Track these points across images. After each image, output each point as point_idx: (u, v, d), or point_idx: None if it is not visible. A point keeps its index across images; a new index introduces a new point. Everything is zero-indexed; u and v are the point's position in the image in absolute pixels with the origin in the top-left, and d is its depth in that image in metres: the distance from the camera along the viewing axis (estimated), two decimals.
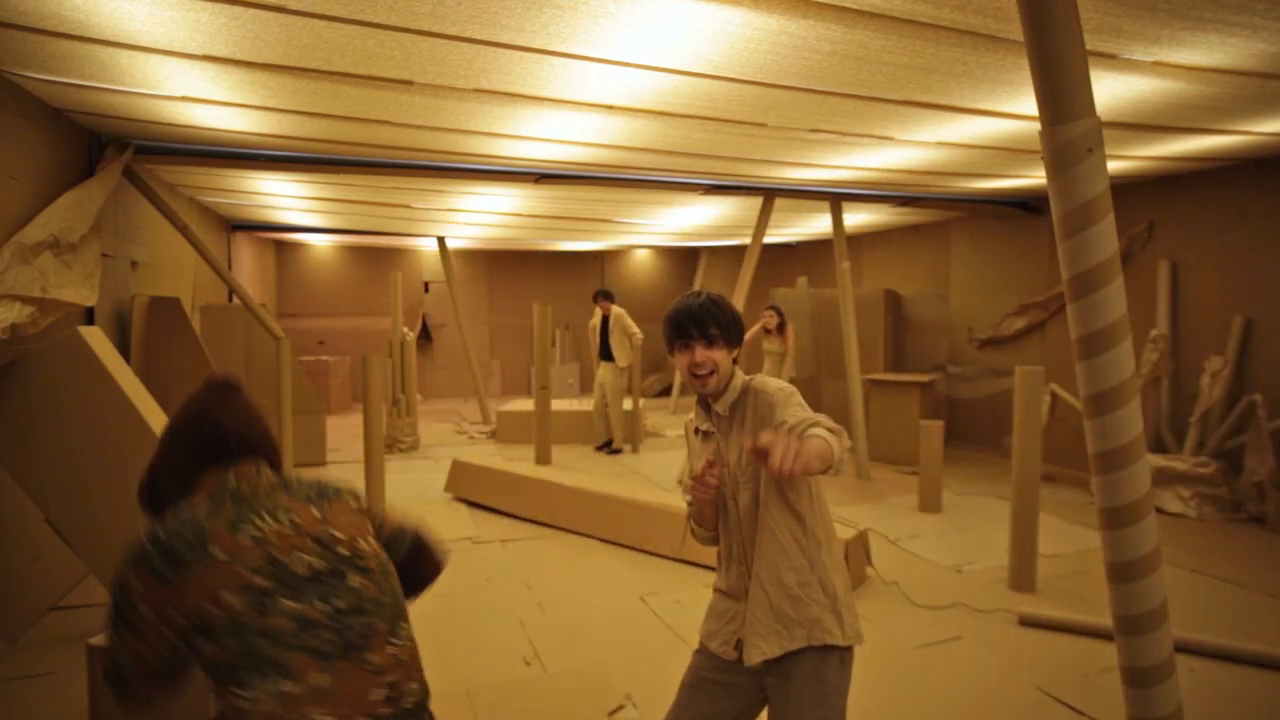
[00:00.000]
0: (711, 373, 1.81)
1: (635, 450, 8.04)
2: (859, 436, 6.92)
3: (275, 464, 1.51)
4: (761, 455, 1.44)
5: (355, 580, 1.37)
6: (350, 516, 1.47)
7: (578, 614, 3.87)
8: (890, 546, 4.92)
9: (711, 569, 4.43)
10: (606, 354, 8.01)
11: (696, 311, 1.82)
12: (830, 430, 1.61)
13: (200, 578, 1.24)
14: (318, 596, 1.31)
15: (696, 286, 12.64)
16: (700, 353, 1.81)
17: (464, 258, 12.57)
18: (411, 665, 1.43)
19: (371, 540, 1.48)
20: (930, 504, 5.78)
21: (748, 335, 6.34)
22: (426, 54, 3.15)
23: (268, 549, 1.30)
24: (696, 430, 1.96)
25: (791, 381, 6.40)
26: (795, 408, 1.80)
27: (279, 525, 1.34)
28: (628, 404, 8.22)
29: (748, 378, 1.89)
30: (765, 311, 7.39)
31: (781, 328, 7.23)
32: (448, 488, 6.08)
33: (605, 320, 8.09)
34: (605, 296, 8.26)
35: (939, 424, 5.86)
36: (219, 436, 1.46)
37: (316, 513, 1.41)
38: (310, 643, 1.27)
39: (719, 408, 1.87)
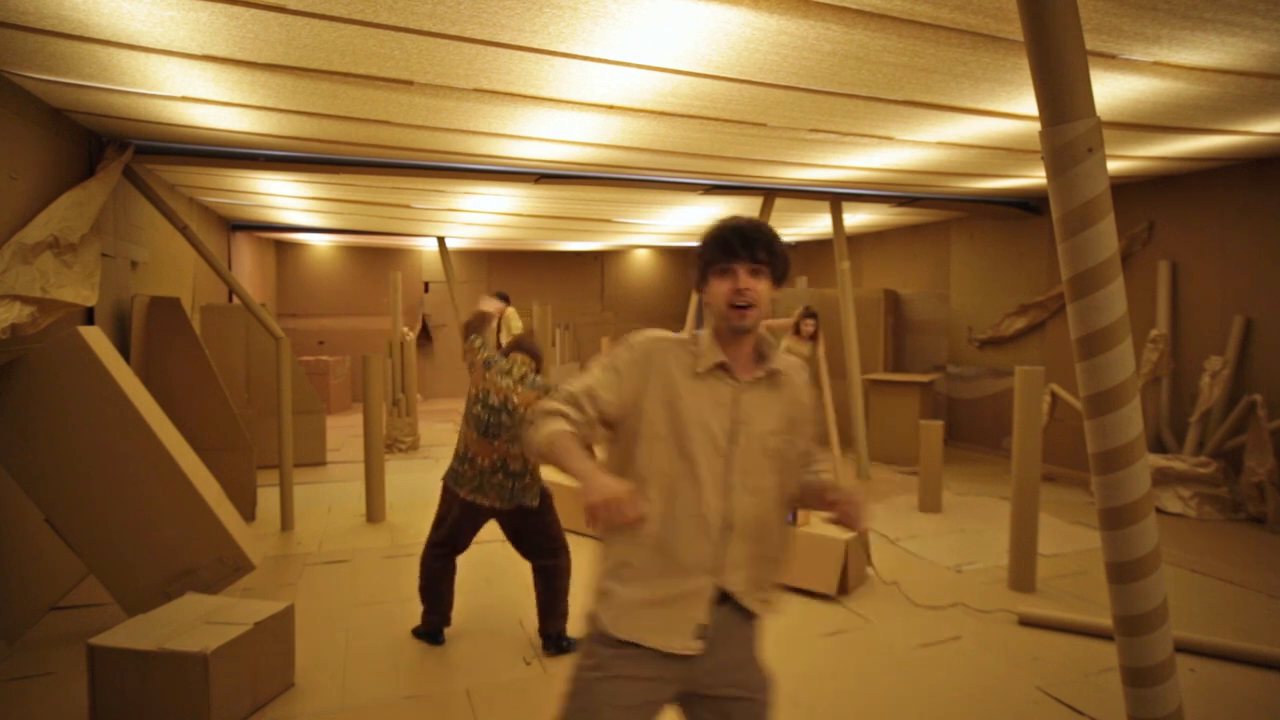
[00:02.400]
0: (753, 305, 1.54)
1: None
2: (859, 436, 6.92)
3: (536, 363, 3.55)
4: (850, 517, 1.56)
5: (503, 415, 3.31)
6: (527, 395, 3.35)
7: (578, 614, 3.86)
8: (890, 546, 4.92)
9: None
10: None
11: (747, 230, 1.56)
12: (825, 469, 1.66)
13: (477, 375, 3.43)
14: (485, 408, 3.34)
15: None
16: (745, 278, 1.54)
17: (464, 258, 12.57)
18: (514, 453, 3.30)
19: (517, 399, 3.34)
20: (930, 504, 5.78)
21: (773, 324, 6.22)
22: (426, 54, 3.15)
23: (486, 385, 3.37)
24: (714, 369, 1.58)
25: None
26: (810, 425, 1.71)
27: (497, 380, 3.37)
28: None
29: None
30: (803, 320, 6.74)
31: (815, 335, 6.95)
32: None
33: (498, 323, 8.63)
34: (502, 298, 8.63)
35: (938, 424, 5.86)
36: (518, 343, 3.60)
37: (508, 383, 3.36)
38: (476, 423, 3.34)
39: (782, 366, 1.63)
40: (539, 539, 3.46)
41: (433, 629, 3.52)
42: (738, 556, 1.58)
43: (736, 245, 1.55)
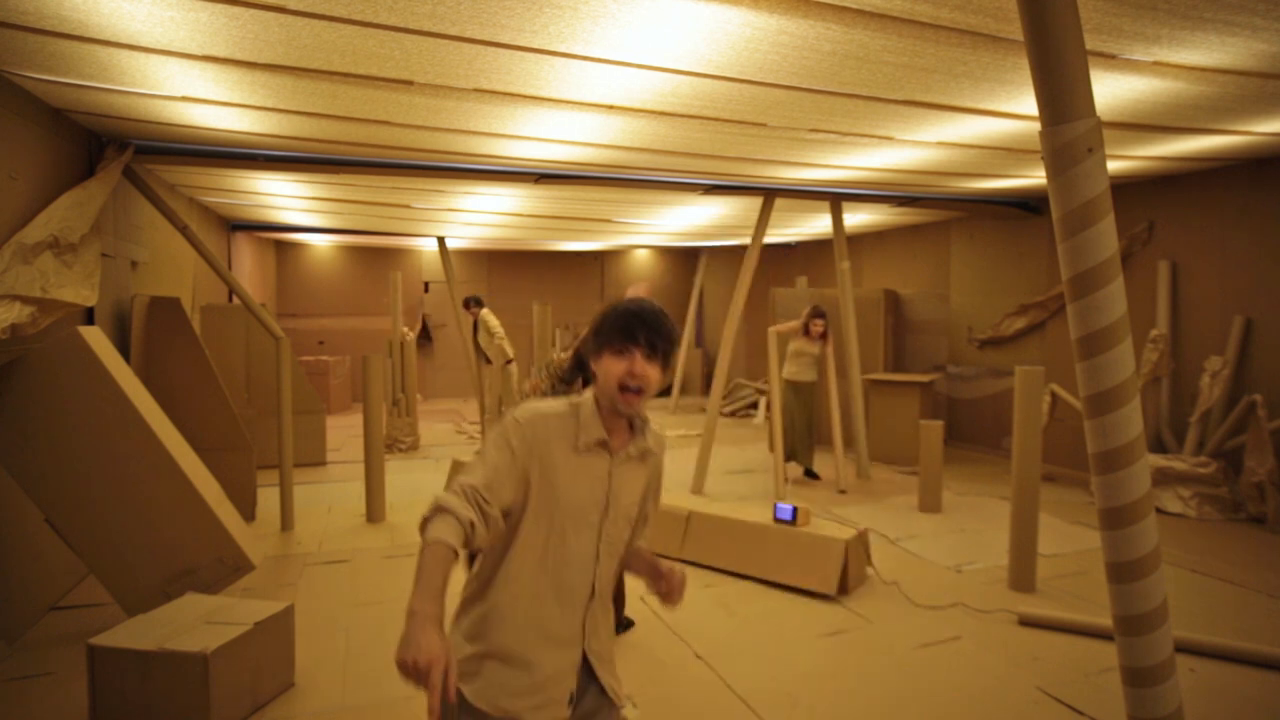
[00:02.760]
0: (641, 391, 1.57)
1: None
2: (859, 436, 6.92)
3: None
4: (673, 593, 1.65)
5: None
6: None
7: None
8: (890, 546, 4.92)
9: (711, 568, 4.45)
10: (484, 358, 8.76)
11: (650, 318, 1.58)
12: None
13: None
14: None
15: (696, 287, 12.65)
16: (641, 363, 1.56)
17: (464, 258, 12.56)
18: None
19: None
20: (930, 504, 5.78)
21: (781, 329, 6.34)
22: (426, 54, 3.15)
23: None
24: (595, 446, 1.59)
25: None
26: (659, 493, 1.79)
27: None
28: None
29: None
30: (812, 319, 6.56)
31: (825, 335, 6.56)
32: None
33: (475, 326, 8.94)
34: (476, 303, 8.97)
35: (939, 424, 5.86)
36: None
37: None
38: None
39: (651, 444, 1.67)
40: None
41: None
42: (597, 619, 1.64)
43: (639, 332, 1.56)
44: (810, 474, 6.78)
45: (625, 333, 1.57)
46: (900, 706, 2.99)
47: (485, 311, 8.92)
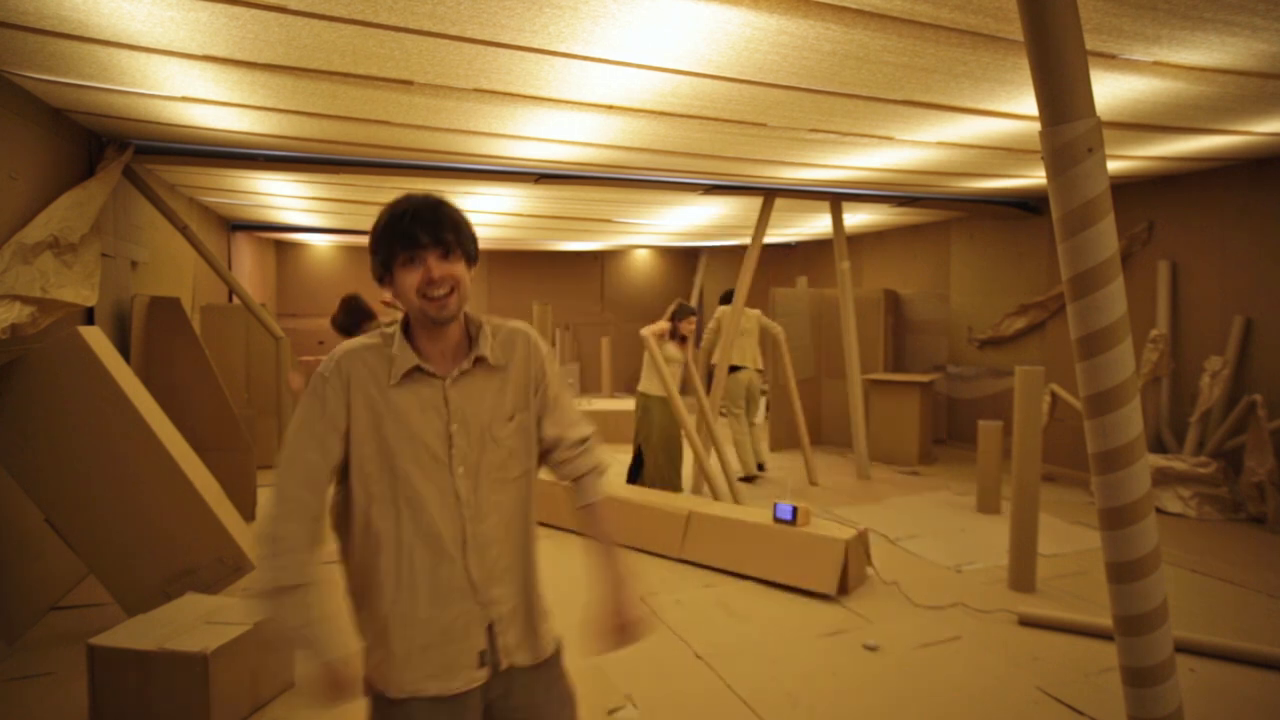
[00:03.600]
0: (452, 291, 1.37)
1: None
2: (859, 436, 6.92)
3: None
4: (620, 636, 1.51)
5: None
6: None
7: (577, 614, 3.86)
8: (890, 546, 4.92)
9: (711, 568, 4.45)
10: None
11: (424, 212, 1.37)
12: (600, 459, 1.55)
13: None
14: None
15: (696, 287, 12.65)
16: (437, 265, 1.36)
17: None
18: None
19: None
20: (989, 505, 5.74)
21: (653, 330, 5.51)
22: (426, 54, 3.15)
23: None
24: (410, 374, 1.40)
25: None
26: (566, 394, 1.54)
27: None
28: None
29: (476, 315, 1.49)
30: (682, 319, 5.74)
31: (681, 336, 5.79)
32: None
33: None
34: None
35: (998, 424, 5.82)
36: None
37: None
38: None
39: (488, 353, 1.44)
40: None
41: None
42: (492, 565, 1.44)
43: (419, 231, 1.36)
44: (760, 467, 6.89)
45: (405, 237, 1.36)
46: (900, 706, 2.99)
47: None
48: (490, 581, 1.44)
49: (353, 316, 4.50)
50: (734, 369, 6.80)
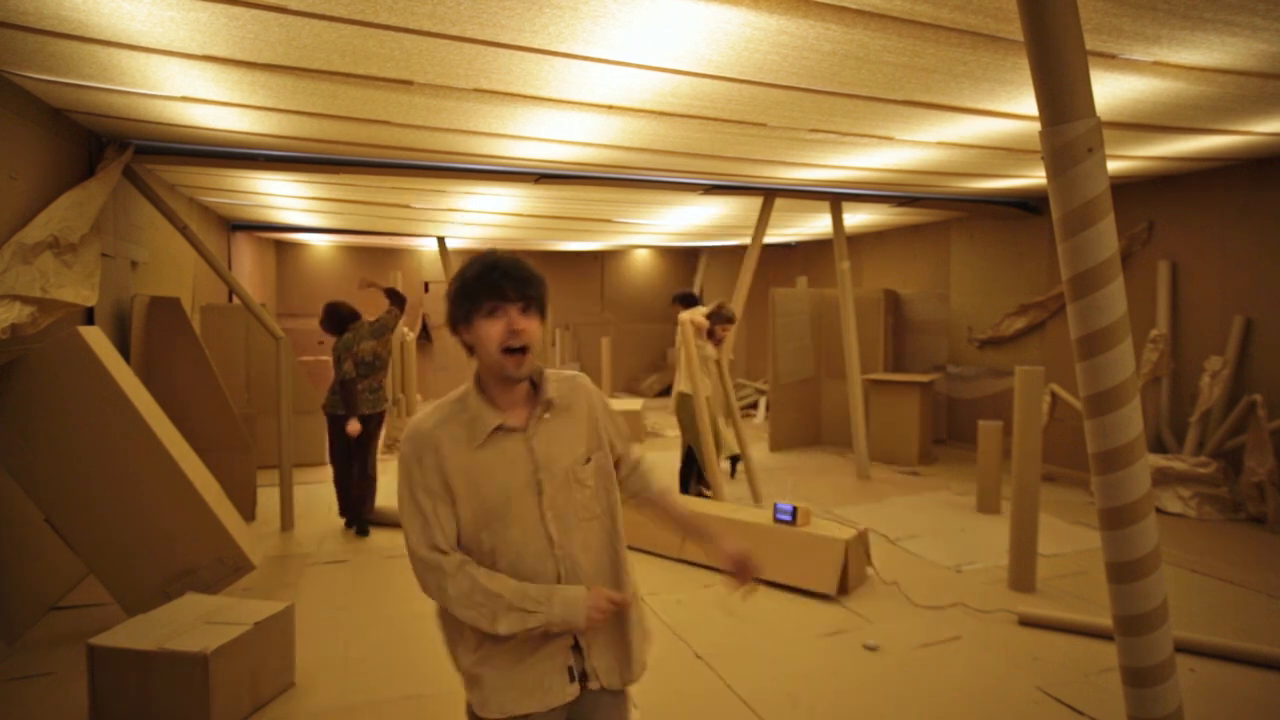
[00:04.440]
0: (527, 348, 1.45)
1: None
2: (859, 436, 6.92)
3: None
4: (744, 573, 1.62)
5: (379, 364, 5.33)
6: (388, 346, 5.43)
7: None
8: (890, 546, 4.92)
9: (712, 568, 4.45)
10: None
11: (511, 268, 1.44)
12: (652, 469, 1.71)
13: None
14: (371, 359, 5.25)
15: (696, 287, 12.65)
16: (518, 319, 1.43)
17: (464, 258, 12.51)
18: (383, 389, 5.41)
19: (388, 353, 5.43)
20: (989, 505, 5.74)
21: (691, 317, 5.51)
22: (426, 54, 3.15)
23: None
24: (497, 430, 1.48)
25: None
26: (620, 423, 1.64)
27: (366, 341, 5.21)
28: None
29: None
30: (720, 323, 5.68)
31: (718, 339, 5.75)
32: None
33: None
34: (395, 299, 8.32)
35: (998, 424, 5.82)
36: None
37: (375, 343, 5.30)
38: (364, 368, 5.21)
39: (560, 392, 1.54)
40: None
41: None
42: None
43: (506, 286, 1.43)
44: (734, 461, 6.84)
45: (492, 290, 1.43)
46: (900, 706, 2.99)
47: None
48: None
49: (338, 321, 5.32)
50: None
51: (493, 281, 1.43)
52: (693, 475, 5.72)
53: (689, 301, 6.99)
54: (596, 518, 1.56)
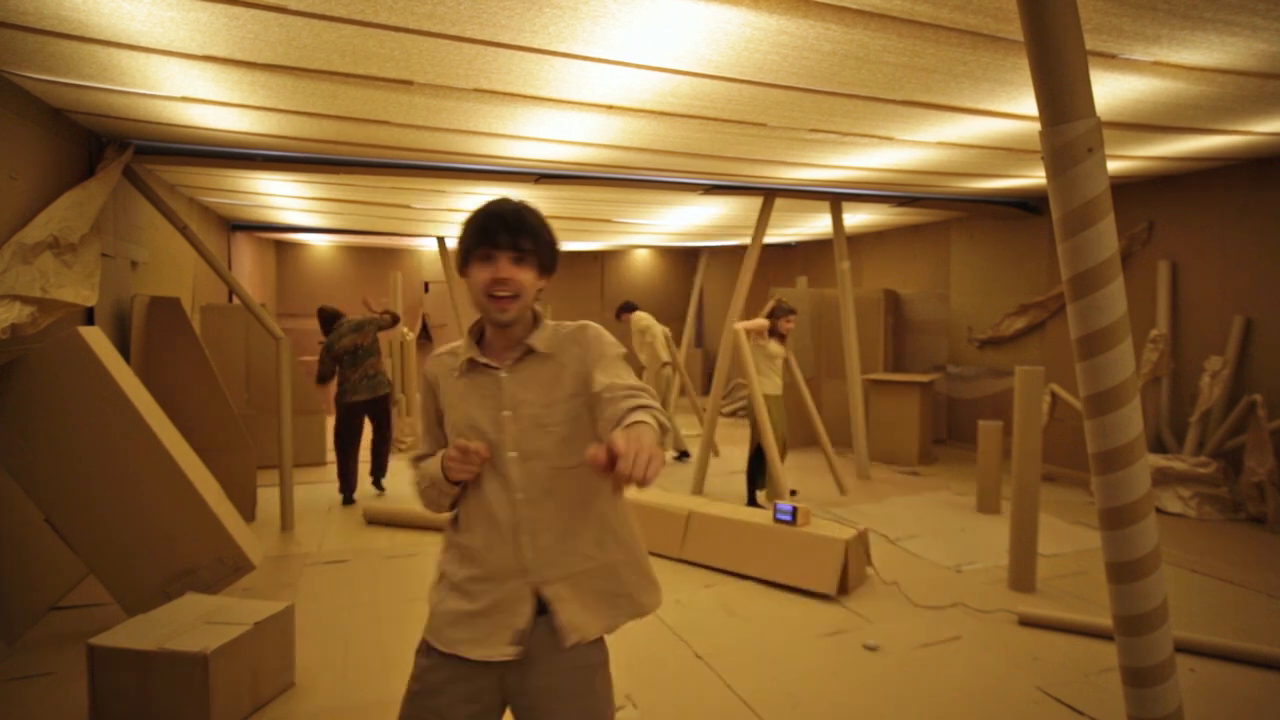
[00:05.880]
0: (515, 296, 1.46)
1: None
2: (859, 436, 6.92)
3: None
4: (607, 463, 1.13)
5: (363, 353, 6.06)
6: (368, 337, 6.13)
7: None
8: (890, 546, 4.92)
9: (711, 568, 4.45)
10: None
11: (509, 215, 1.47)
12: (655, 407, 1.36)
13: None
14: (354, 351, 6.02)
15: (696, 287, 12.65)
16: (506, 267, 1.46)
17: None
18: (380, 374, 6.15)
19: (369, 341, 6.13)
20: (989, 505, 5.74)
21: (748, 325, 5.68)
22: (426, 54, 3.15)
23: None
24: (470, 366, 1.54)
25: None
26: (619, 365, 1.52)
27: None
28: None
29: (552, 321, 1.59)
30: (782, 317, 5.83)
31: (781, 334, 5.89)
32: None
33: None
34: (627, 309, 8.38)
35: (998, 424, 5.82)
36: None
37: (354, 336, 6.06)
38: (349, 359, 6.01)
39: (537, 343, 1.52)
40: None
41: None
42: (545, 553, 1.50)
43: (499, 232, 1.45)
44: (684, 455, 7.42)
45: (484, 235, 1.46)
46: (900, 706, 2.99)
47: (637, 314, 8.16)
48: (544, 564, 1.51)
49: (324, 322, 6.29)
50: (666, 364, 7.73)
51: (488, 228, 1.47)
52: (760, 472, 5.86)
53: (631, 309, 7.94)
54: (574, 468, 1.51)
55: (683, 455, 7.59)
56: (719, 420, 7.17)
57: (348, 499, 5.99)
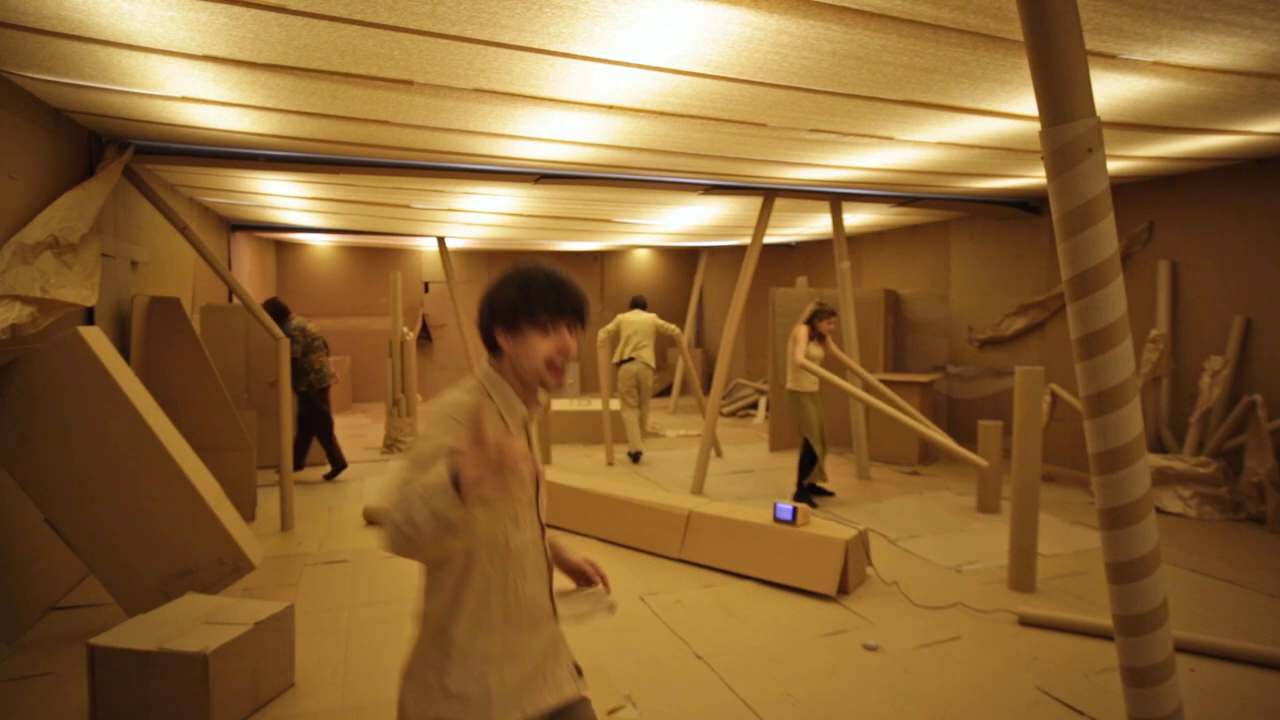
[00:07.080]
0: (565, 369, 1.49)
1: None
2: (859, 436, 6.92)
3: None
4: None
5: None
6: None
7: None
8: (890, 546, 4.92)
9: (711, 568, 4.45)
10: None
11: (571, 288, 1.47)
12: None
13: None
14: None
15: (696, 286, 12.65)
16: (568, 339, 1.47)
17: (464, 258, 12.56)
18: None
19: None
20: (990, 504, 5.74)
21: (797, 339, 5.88)
22: (426, 54, 3.15)
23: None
24: (523, 423, 1.54)
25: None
26: None
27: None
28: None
29: None
30: (824, 318, 6.06)
31: (820, 335, 6.09)
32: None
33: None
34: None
35: (998, 424, 5.82)
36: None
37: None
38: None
39: (542, 397, 1.56)
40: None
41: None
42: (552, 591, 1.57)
43: (567, 305, 1.44)
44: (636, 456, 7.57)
45: (553, 306, 1.43)
46: (900, 707, 2.99)
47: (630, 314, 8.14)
48: (551, 616, 1.56)
49: (276, 315, 6.51)
50: (625, 361, 7.69)
51: (556, 300, 1.44)
52: (812, 468, 6.04)
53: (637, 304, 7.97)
54: (546, 557, 1.58)
55: (636, 455, 7.66)
56: (719, 420, 7.17)
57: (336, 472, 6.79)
